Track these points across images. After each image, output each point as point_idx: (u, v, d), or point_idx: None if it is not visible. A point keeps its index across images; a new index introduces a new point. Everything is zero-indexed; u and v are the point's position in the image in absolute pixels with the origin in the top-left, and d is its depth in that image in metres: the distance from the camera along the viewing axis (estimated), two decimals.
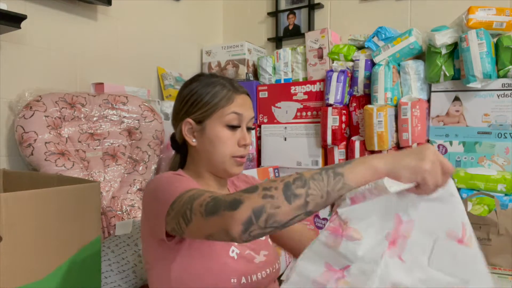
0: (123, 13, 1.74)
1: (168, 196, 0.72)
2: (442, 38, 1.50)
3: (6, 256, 0.79)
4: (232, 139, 0.86)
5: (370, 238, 0.56)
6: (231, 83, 0.89)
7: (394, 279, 0.56)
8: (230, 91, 0.86)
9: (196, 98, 0.87)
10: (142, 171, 1.49)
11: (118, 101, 1.51)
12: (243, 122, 0.87)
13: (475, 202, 1.34)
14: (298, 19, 2.10)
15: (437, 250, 0.58)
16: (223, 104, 0.85)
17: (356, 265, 0.56)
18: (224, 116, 0.85)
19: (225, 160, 0.85)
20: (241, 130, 0.87)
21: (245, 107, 0.87)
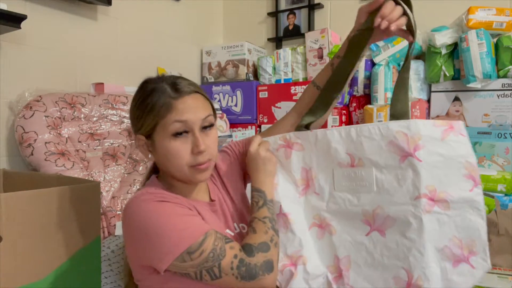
0: (123, 13, 1.74)
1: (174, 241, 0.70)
2: (442, 38, 1.50)
3: (6, 256, 0.79)
4: (184, 148, 0.77)
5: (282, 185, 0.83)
6: (174, 86, 0.79)
7: (315, 207, 0.80)
8: (169, 98, 0.77)
9: (138, 113, 0.80)
10: (142, 171, 1.49)
11: (118, 101, 1.51)
12: (191, 127, 0.77)
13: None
14: (298, 19, 2.10)
15: (336, 177, 0.77)
16: (162, 115, 0.76)
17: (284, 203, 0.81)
18: (167, 127, 0.76)
19: (184, 171, 0.78)
20: (192, 135, 0.77)
21: (190, 110, 0.77)
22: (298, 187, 0.82)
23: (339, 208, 0.76)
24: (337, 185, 0.76)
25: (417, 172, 0.67)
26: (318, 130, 0.79)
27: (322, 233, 0.78)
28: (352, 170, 0.74)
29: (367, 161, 0.72)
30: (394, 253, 0.69)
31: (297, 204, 0.81)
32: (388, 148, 0.69)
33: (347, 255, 0.74)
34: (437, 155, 0.67)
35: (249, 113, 2.00)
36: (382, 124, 0.70)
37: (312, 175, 0.80)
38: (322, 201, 0.78)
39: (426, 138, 0.67)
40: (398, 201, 0.69)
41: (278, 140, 0.85)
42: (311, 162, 0.80)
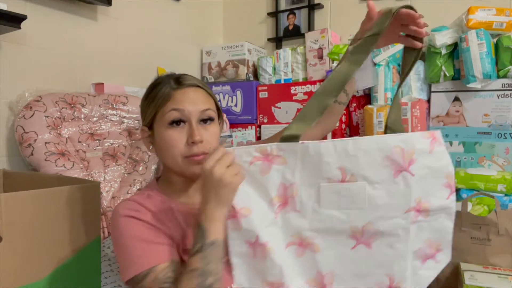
0: (123, 13, 1.74)
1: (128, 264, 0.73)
2: (442, 38, 1.50)
3: (6, 256, 0.79)
4: (180, 138, 0.77)
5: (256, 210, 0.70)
6: (176, 79, 0.81)
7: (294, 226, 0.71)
8: (169, 88, 0.79)
9: (143, 103, 0.83)
10: (142, 171, 1.49)
11: (118, 101, 1.51)
12: (188, 117, 0.78)
13: (475, 202, 1.34)
14: (298, 19, 2.10)
15: (323, 194, 0.70)
16: (161, 104, 0.78)
17: (261, 233, 0.69)
18: (164, 115, 0.78)
19: (178, 163, 0.78)
20: (189, 126, 0.78)
21: (188, 101, 0.78)
22: (273, 206, 0.71)
23: (324, 225, 0.70)
24: (323, 201, 0.70)
25: (410, 186, 0.68)
26: (310, 143, 0.69)
27: (302, 251, 0.73)
28: (342, 186, 0.69)
29: (359, 177, 0.68)
30: (379, 263, 0.71)
31: (274, 227, 0.72)
32: (383, 163, 0.68)
33: (331, 270, 0.72)
34: (426, 168, 0.69)
35: (249, 113, 2.00)
36: (380, 138, 0.69)
37: (293, 191, 0.71)
38: (303, 219, 0.71)
39: (418, 152, 0.68)
40: (389, 216, 0.69)
41: (254, 152, 0.71)
42: (293, 177, 0.70)
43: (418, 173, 0.68)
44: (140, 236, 0.74)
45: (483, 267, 1.18)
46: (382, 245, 0.70)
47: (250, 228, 0.69)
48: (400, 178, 0.68)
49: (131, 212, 0.77)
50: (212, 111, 0.81)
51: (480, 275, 1.12)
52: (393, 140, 0.68)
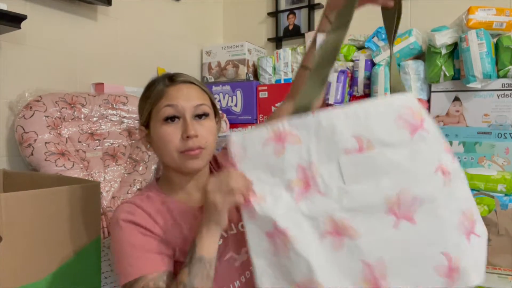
0: (123, 13, 1.74)
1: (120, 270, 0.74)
2: (442, 38, 1.50)
3: (6, 256, 0.79)
4: (174, 133, 0.77)
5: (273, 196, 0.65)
6: (169, 77, 0.83)
7: (325, 210, 0.63)
8: (163, 85, 0.80)
9: (140, 103, 0.85)
10: (142, 171, 1.49)
11: (118, 101, 1.51)
12: (182, 112, 0.78)
13: (475, 202, 1.34)
14: (298, 19, 2.10)
15: (345, 168, 0.63)
16: (155, 101, 0.79)
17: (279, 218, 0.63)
18: (158, 112, 0.78)
19: (174, 158, 0.78)
20: (184, 121, 0.78)
21: (181, 96, 0.79)
22: (292, 191, 0.65)
23: (355, 203, 0.62)
24: (346, 177, 0.63)
25: (429, 143, 0.63)
26: (321, 114, 0.65)
27: (340, 241, 0.63)
28: (362, 156, 0.63)
29: (376, 142, 0.63)
30: (430, 239, 0.61)
31: (295, 213, 0.64)
32: (396, 125, 0.63)
33: (379, 257, 0.61)
34: (433, 127, 0.65)
35: (249, 113, 2.00)
36: (387, 100, 0.65)
37: (313, 171, 0.64)
38: (331, 201, 0.63)
39: (425, 111, 0.66)
40: (420, 178, 0.62)
41: (265, 131, 0.66)
42: (309, 156, 0.65)
43: (432, 130, 0.64)
44: (134, 244, 0.74)
45: None
46: (424, 215, 0.61)
47: (266, 214, 0.64)
48: (418, 137, 0.63)
49: (129, 216, 0.77)
50: (206, 106, 0.81)
51: None
52: (399, 100, 0.65)
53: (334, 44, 0.69)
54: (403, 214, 0.62)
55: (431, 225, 0.61)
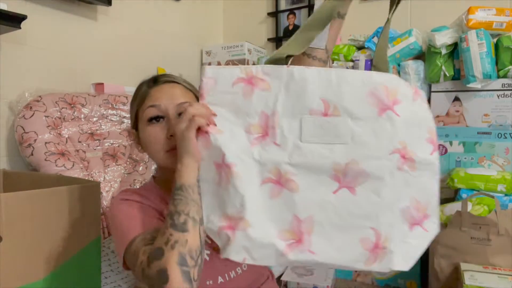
0: (123, 13, 1.74)
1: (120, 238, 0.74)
2: (442, 38, 1.50)
3: (6, 256, 0.79)
4: (159, 133, 0.78)
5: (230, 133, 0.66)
6: (154, 78, 0.85)
7: (274, 160, 0.65)
8: (146, 87, 0.83)
9: (130, 107, 0.88)
10: (142, 171, 1.49)
11: (118, 101, 1.51)
12: (166, 112, 0.79)
13: (475, 202, 1.34)
14: (298, 19, 2.10)
15: (305, 127, 0.65)
16: (139, 103, 0.82)
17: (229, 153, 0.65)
18: (143, 114, 0.80)
19: (161, 157, 0.79)
20: (168, 120, 0.79)
21: (164, 96, 0.80)
22: (250, 135, 0.67)
23: (305, 160, 0.65)
24: (305, 135, 0.65)
25: (395, 126, 0.64)
26: (295, 67, 0.66)
27: (279, 190, 0.66)
28: (325, 120, 0.65)
29: (343, 110, 0.64)
30: (364, 212, 0.64)
31: (246, 155, 0.66)
32: (367, 99, 0.64)
33: (310, 215, 0.65)
34: (410, 112, 0.66)
35: None
36: (366, 73, 0.66)
37: (275, 121, 0.66)
38: (283, 152, 0.65)
39: (402, 94, 0.66)
40: (374, 155, 0.64)
41: (238, 72, 0.67)
42: (275, 105, 0.66)
43: (403, 115, 0.65)
44: (130, 214, 0.76)
45: (483, 267, 1.18)
46: (367, 190, 0.64)
47: (218, 146, 0.65)
48: (385, 116, 0.64)
49: (124, 196, 0.80)
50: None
51: (480, 275, 1.12)
52: (378, 77, 0.65)
53: (329, 10, 0.69)
54: (346, 183, 0.65)
55: (369, 200, 0.64)
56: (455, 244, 1.23)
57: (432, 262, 1.30)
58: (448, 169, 1.54)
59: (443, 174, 1.54)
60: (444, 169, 1.54)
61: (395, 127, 0.64)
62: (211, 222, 0.67)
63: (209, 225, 0.67)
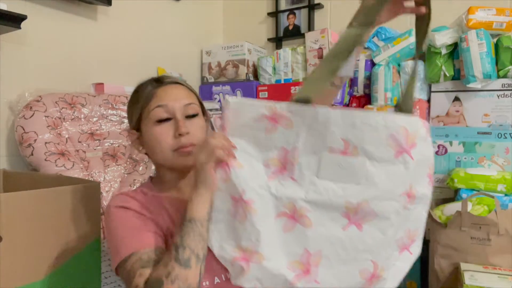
0: (123, 13, 1.74)
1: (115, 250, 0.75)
2: (442, 38, 1.50)
3: (6, 256, 0.79)
4: (167, 133, 0.80)
5: (250, 167, 0.69)
6: (157, 79, 0.85)
7: (290, 196, 0.68)
8: (151, 87, 0.83)
9: (128, 108, 0.87)
10: (142, 171, 1.49)
11: (118, 101, 1.51)
12: (173, 112, 0.80)
13: (475, 202, 1.34)
14: (298, 19, 2.10)
15: (323, 164, 0.68)
16: (145, 103, 0.81)
17: (248, 190, 0.67)
18: (150, 113, 0.80)
19: (168, 157, 0.80)
20: (175, 120, 0.80)
21: (171, 96, 0.81)
22: (268, 168, 0.70)
23: (320, 198, 0.67)
24: (322, 172, 0.68)
25: (408, 169, 0.66)
26: (320, 108, 0.67)
27: (293, 225, 0.69)
28: (343, 159, 0.67)
29: (362, 151, 0.66)
30: (367, 247, 0.68)
31: (264, 189, 0.69)
32: (387, 141, 0.66)
33: (319, 249, 0.68)
34: (421, 155, 0.68)
35: None
36: (389, 116, 0.67)
37: (294, 157, 0.69)
38: (300, 188, 0.68)
39: (419, 137, 0.67)
40: (385, 196, 0.67)
41: (263, 108, 0.70)
42: (296, 142, 0.68)
43: (416, 158, 0.67)
44: (126, 224, 0.76)
45: (483, 267, 1.18)
46: (373, 227, 0.67)
47: (237, 182, 0.68)
48: (401, 159, 0.66)
49: (121, 203, 0.79)
50: (195, 105, 0.84)
51: (480, 275, 1.12)
52: (401, 120, 0.66)
53: (354, 39, 0.69)
54: (355, 220, 0.67)
55: (374, 236, 0.67)
56: (455, 244, 1.23)
57: (432, 262, 1.30)
58: (448, 169, 1.54)
59: (443, 174, 1.54)
60: (444, 169, 1.54)
61: (408, 170, 0.66)
62: (224, 251, 0.71)
63: (222, 253, 0.71)
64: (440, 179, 1.55)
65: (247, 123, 0.70)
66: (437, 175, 1.56)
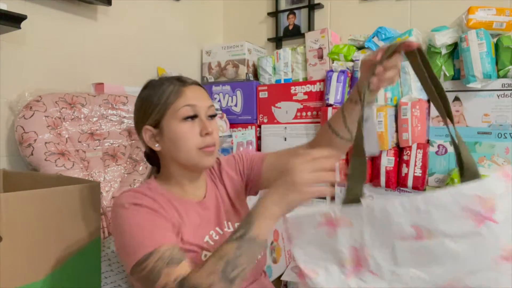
0: (123, 13, 1.74)
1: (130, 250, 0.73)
2: (442, 38, 1.50)
3: (6, 256, 0.79)
4: (193, 131, 0.82)
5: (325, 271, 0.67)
6: (178, 78, 0.87)
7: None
8: (177, 86, 0.84)
9: (147, 103, 0.85)
10: (142, 171, 1.49)
11: (118, 101, 1.51)
12: (199, 112, 0.83)
13: None
14: (298, 19, 2.10)
15: (399, 253, 0.64)
16: (172, 100, 0.82)
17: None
18: (177, 111, 0.82)
19: (192, 155, 0.82)
20: (200, 120, 0.83)
21: (197, 97, 0.84)
22: (344, 268, 0.68)
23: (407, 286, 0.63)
24: (400, 260, 0.64)
25: (494, 233, 0.61)
26: (374, 204, 0.65)
27: None
28: (419, 244, 0.62)
29: (438, 232, 0.62)
30: None
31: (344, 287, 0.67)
32: (461, 215, 0.61)
33: None
34: (505, 212, 0.62)
35: (249, 113, 2.00)
36: (454, 190, 0.62)
37: (365, 253, 0.66)
38: (382, 280, 0.65)
39: (498, 197, 0.62)
40: (477, 269, 0.61)
41: (318, 216, 0.69)
42: (362, 239, 0.66)
43: (501, 218, 0.61)
44: (142, 223, 0.75)
45: None
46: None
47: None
48: (484, 227, 0.60)
49: (132, 199, 0.78)
50: (214, 107, 0.88)
51: None
52: (469, 189, 0.61)
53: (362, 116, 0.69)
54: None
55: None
56: None
57: None
58: (448, 169, 1.54)
59: (443, 174, 1.54)
60: (444, 169, 1.54)
61: (494, 234, 0.61)
62: None
63: None
64: (440, 179, 1.55)
65: (310, 232, 0.69)
66: (437, 175, 1.56)
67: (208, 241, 0.84)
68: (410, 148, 1.55)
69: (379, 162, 1.59)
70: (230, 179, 0.97)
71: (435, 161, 1.56)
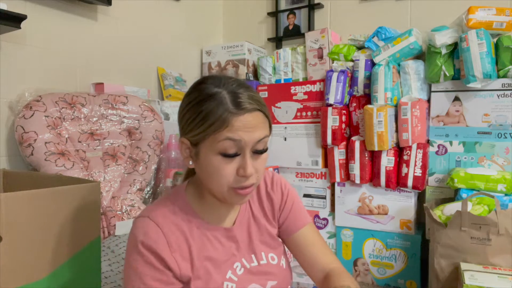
0: (123, 13, 1.74)
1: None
2: (442, 38, 1.50)
3: (6, 256, 0.79)
4: (229, 168, 0.71)
5: None
6: (235, 98, 0.70)
7: None
8: (226, 112, 0.68)
9: (190, 116, 0.72)
10: (142, 171, 1.49)
11: (118, 101, 1.51)
12: (243, 148, 0.70)
13: (475, 202, 1.33)
14: (298, 19, 2.10)
15: None
16: (215, 128, 0.69)
17: None
18: (217, 142, 0.69)
19: (222, 191, 0.73)
20: (243, 158, 0.71)
21: (246, 129, 0.69)
22: None
23: None
24: None
25: None
26: None
27: None
28: None
29: None
30: None
31: None
32: None
33: None
34: None
35: None
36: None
37: None
38: None
39: None
40: None
41: None
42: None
43: None
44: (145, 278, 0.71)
45: (483, 267, 1.18)
46: None
47: None
48: None
49: (149, 241, 0.72)
50: (267, 138, 0.75)
51: (480, 275, 1.12)
52: None
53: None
54: None
55: None
56: (455, 244, 1.23)
57: (432, 262, 1.30)
58: (448, 169, 1.54)
59: (443, 174, 1.54)
60: (444, 169, 1.54)
61: None
62: None
63: None
64: (440, 179, 1.55)
65: None
66: (437, 175, 1.56)
67: (231, 277, 0.78)
68: (410, 148, 1.55)
69: (379, 162, 1.59)
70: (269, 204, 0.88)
71: (435, 161, 1.56)
